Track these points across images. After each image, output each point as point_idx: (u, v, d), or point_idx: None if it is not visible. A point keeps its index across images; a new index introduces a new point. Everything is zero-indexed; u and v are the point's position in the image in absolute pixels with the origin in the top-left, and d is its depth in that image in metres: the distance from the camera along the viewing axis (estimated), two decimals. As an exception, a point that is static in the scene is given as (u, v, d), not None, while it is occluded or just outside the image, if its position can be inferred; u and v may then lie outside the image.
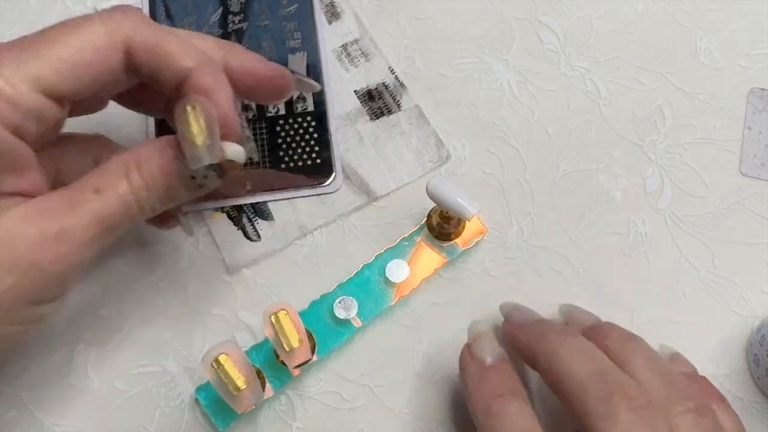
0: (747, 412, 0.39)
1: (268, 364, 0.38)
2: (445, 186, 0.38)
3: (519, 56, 0.46)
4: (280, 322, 0.35)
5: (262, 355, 0.39)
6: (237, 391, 0.34)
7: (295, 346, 0.35)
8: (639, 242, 0.42)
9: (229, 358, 0.33)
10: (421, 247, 0.41)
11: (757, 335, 0.39)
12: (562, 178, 0.43)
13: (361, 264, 0.40)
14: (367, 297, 0.40)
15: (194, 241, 0.42)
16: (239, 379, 0.33)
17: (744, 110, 0.45)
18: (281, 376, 0.38)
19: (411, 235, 0.41)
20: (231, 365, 0.33)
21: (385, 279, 0.40)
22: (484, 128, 0.44)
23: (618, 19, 0.47)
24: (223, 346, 0.34)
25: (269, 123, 0.44)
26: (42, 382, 0.39)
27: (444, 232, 0.40)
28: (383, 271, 0.40)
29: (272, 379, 0.38)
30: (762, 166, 0.43)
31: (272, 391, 0.38)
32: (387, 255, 0.41)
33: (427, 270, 0.41)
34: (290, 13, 0.46)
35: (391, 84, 0.45)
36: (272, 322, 0.35)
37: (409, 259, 0.40)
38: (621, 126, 0.44)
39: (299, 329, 0.35)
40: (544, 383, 0.34)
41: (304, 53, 0.45)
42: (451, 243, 0.41)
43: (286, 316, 0.35)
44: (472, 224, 0.41)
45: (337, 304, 0.39)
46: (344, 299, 0.39)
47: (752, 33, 0.46)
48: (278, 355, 0.38)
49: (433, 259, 0.41)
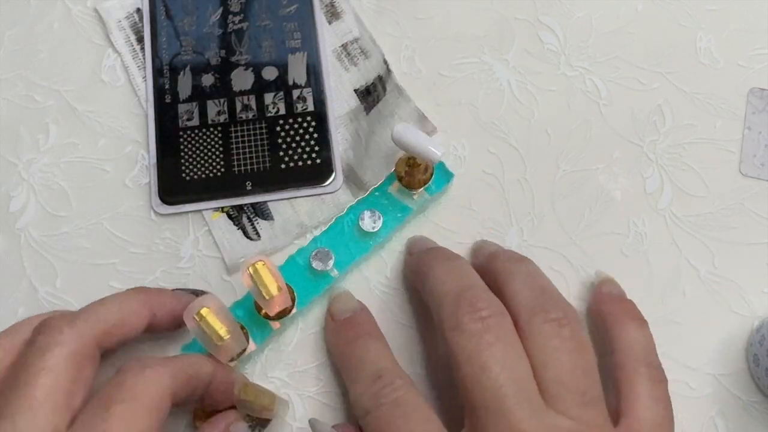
0: (747, 412, 0.39)
1: (250, 319, 0.39)
2: (409, 131, 0.39)
3: (519, 56, 0.46)
4: (258, 273, 0.36)
5: (244, 311, 0.39)
6: (220, 341, 0.35)
7: (275, 294, 0.36)
8: (639, 242, 0.42)
9: (210, 310, 0.35)
10: (391, 196, 0.42)
11: (756, 335, 0.39)
12: (562, 178, 0.43)
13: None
14: (343, 248, 0.41)
15: (194, 241, 0.42)
16: (222, 329, 0.35)
17: (744, 110, 0.45)
18: (263, 329, 0.39)
19: (381, 185, 0.42)
20: (213, 317, 0.35)
21: (358, 229, 0.41)
22: (484, 128, 0.44)
23: (618, 19, 0.47)
24: (205, 300, 0.35)
25: (269, 123, 0.44)
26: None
27: (412, 179, 0.41)
28: (356, 222, 0.41)
29: (255, 333, 0.39)
30: (762, 166, 0.43)
31: (255, 345, 0.39)
32: (359, 206, 0.41)
33: (397, 221, 0.42)
34: (290, 13, 0.46)
35: (383, 74, 0.45)
36: (251, 272, 0.36)
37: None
38: (621, 126, 0.44)
39: (277, 278, 0.36)
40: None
41: (304, 53, 0.45)
42: (420, 191, 0.41)
43: (263, 266, 0.36)
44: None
45: (313, 256, 0.40)
46: (320, 251, 0.40)
47: (752, 33, 0.46)
48: (260, 309, 0.39)
49: (402, 208, 0.42)
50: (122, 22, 0.46)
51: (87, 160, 0.43)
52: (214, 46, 0.45)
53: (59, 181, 0.43)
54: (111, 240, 0.42)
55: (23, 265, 0.41)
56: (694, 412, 0.39)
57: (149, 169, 0.43)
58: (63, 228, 0.42)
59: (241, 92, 0.44)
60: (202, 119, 0.44)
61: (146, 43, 0.46)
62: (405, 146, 0.39)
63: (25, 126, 0.44)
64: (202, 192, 0.42)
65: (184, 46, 0.45)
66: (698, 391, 0.39)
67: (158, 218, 0.42)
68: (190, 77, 0.45)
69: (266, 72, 0.45)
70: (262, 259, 0.36)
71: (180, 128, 0.43)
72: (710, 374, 0.39)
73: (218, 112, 0.44)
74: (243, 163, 0.43)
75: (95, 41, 0.46)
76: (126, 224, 0.42)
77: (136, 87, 0.45)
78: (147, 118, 0.44)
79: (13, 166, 0.43)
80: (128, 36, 0.46)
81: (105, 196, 0.43)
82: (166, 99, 0.44)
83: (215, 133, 0.43)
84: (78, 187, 0.43)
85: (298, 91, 0.44)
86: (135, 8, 0.47)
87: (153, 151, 0.43)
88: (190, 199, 0.42)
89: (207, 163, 0.43)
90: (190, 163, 0.43)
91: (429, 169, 0.41)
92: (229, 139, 0.43)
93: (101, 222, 0.42)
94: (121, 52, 0.46)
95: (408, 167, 0.41)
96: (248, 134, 0.43)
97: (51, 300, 0.41)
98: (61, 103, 0.45)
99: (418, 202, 0.42)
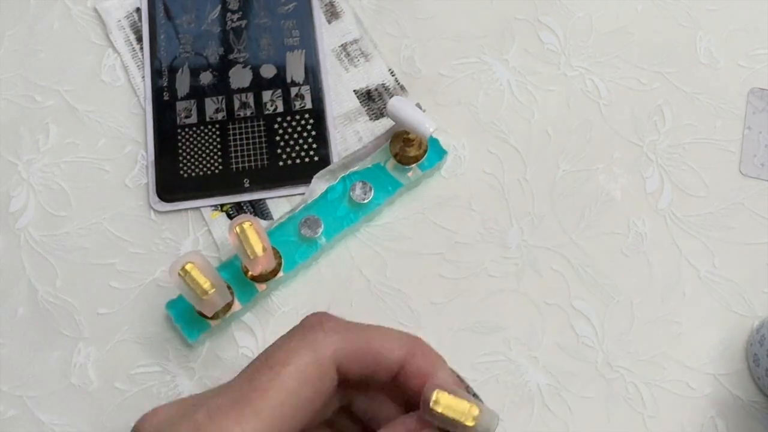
0: (747, 412, 0.39)
1: (236, 281, 0.40)
2: (404, 105, 0.39)
3: (519, 56, 0.46)
4: (245, 232, 0.36)
5: (231, 272, 0.40)
6: (205, 295, 0.35)
7: (260, 254, 0.36)
8: (639, 242, 0.42)
9: (195, 265, 0.35)
10: (384, 171, 0.42)
11: (756, 335, 0.39)
12: (562, 178, 0.43)
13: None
14: (332, 217, 0.41)
15: (194, 241, 0.42)
16: (206, 283, 0.35)
17: (744, 110, 0.45)
18: (249, 291, 0.40)
19: (375, 159, 0.42)
20: (198, 272, 0.35)
21: (349, 199, 0.41)
22: (484, 128, 0.44)
23: (618, 19, 0.47)
24: (189, 256, 0.35)
25: (267, 120, 0.44)
26: (42, 382, 0.39)
27: (406, 155, 0.42)
28: (347, 192, 0.41)
29: (240, 294, 0.39)
30: (762, 166, 0.43)
31: (239, 305, 0.39)
32: (353, 176, 0.42)
33: (387, 194, 0.42)
34: (288, 11, 0.46)
35: (391, 86, 0.45)
36: (237, 232, 0.36)
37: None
38: (621, 126, 0.44)
39: (263, 239, 0.36)
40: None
41: (302, 51, 0.45)
42: (412, 167, 0.42)
43: (250, 226, 0.36)
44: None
45: (303, 223, 0.40)
46: (309, 218, 0.40)
47: (752, 33, 0.46)
48: (246, 272, 0.39)
49: (394, 182, 0.42)
50: (122, 21, 0.46)
51: (87, 160, 0.44)
52: (213, 44, 0.45)
53: (59, 181, 0.43)
54: (111, 240, 0.42)
55: (23, 265, 0.41)
56: (694, 412, 0.39)
57: (147, 166, 0.43)
58: (63, 228, 0.42)
59: (240, 90, 0.44)
60: (200, 117, 0.44)
61: (145, 42, 0.46)
62: (399, 119, 0.40)
63: (25, 126, 0.44)
64: (200, 189, 0.42)
65: (183, 44, 0.45)
66: (698, 391, 0.39)
67: (158, 218, 0.42)
68: (188, 75, 0.45)
69: (264, 70, 0.45)
70: (249, 220, 0.36)
71: (178, 126, 0.44)
72: (710, 374, 0.39)
73: (216, 109, 0.44)
74: (241, 161, 0.43)
75: (95, 41, 0.46)
76: (126, 224, 0.42)
77: (135, 87, 0.45)
78: (145, 116, 0.44)
79: (13, 166, 0.43)
80: (128, 35, 0.46)
81: (105, 196, 0.43)
82: (165, 97, 0.44)
83: (213, 130, 0.43)
84: (78, 187, 0.43)
85: (296, 89, 0.44)
86: (134, 8, 0.47)
87: (151, 148, 0.43)
88: (187, 197, 0.42)
89: (205, 161, 0.43)
90: (188, 160, 0.43)
91: (423, 145, 0.42)
92: (227, 137, 0.43)
93: (101, 222, 0.42)
94: (120, 52, 0.46)
95: (402, 143, 0.41)
96: (246, 132, 0.43)
97: (51, 300, 0.41)
98: (61, 103, 0.45)
99: (411, 178, 0.42)
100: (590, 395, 0.39)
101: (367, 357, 0.29)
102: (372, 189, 0.41)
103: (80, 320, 0.40)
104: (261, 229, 0.36)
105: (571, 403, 0.39)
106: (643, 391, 0.39)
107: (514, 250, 0.42)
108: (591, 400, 0.39)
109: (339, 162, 0.42)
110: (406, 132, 0.41)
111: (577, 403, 0.39)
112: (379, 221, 0.42)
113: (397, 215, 0.42)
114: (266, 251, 0.36)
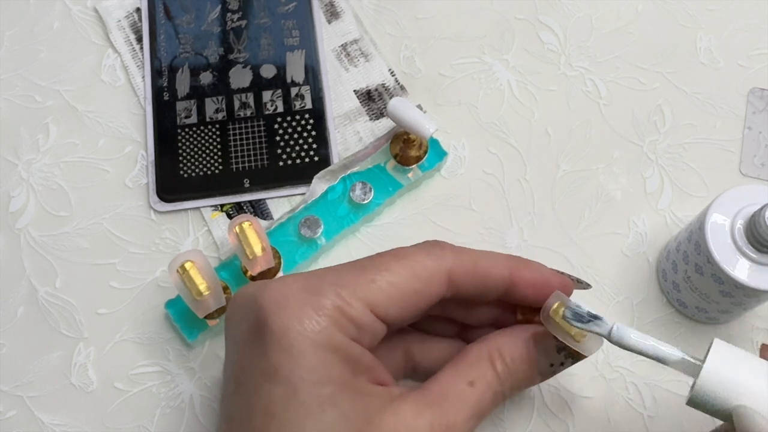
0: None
1: (236, 280, 0.40)
2: (404, 105, 0.40)
3: (519, 56, 0.46)
4: (244, 232, 0.36)
5: (230, 272, 0.40)
6: (199, 296, 0.35)
7: (259, 254, 0.36)
8: (639, 242, 0.42)
9: (194, 265, 0.35)
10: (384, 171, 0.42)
11: (664, 252, 0.39)
12: (562, 178, 0.43)
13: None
14: (332, 217, 0.41)
15: (194, 241, 0.42)
16: (202, 284, 0.35)
17: (744, 110, 0.45)
18: None
19: (375, 160, 0.42)
20: (195, 272, 0.35)
21: (349, 200, 0.41)
22: (484, 128, 0.44)
23: (618, 19, 0.47)
24: (190, 254, 0.35)
25: (267, 120, 0.44)
26: (42, 382, 0.39)
27: (406, 156, 0.42)
28: (347, 193, 0.41)
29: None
30: (762, 166, 0.43)
31: None
32: (352, 177, 0.42)
33: (387, 194, 0.42)
34: (288, 11, 0.46)
35: (391, 86, 0.45)
36: (236, 232, 0.36)
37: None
38: (621, 126, 0.44)
39: (263, 239, 0.36)
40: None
41: (302, 51, 0.45)
42: (413, 167, 0.42)
43: (250, 226, 0.36)
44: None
45: (303, 223, 0.40)
46: (309, 219, 0.40)
47: (752, 33, 0.46)
48: (245, 271, 0.39)
49: (394, 183, 0.42)
50: (122, 21, 0.46)
51: (87, 160, 0.44)
52: (213, 44, 0.45)
53: (59, 181, 0.43)
54: (111, 240, 0.42)
55: (23, 265, 0.41)
56: (694, 411, 0.39)
57: (147, 166, 0.43)
58: (63, 228, 0.42)
59: (240, 90, 0.44)
60: (200, 117, 0.44)
61: (145, 42, 0.46)
62: (399, 120, 0.40)
63: (25, 126, 0.44)
64: (199, 189, 0.42)
65: (183, 44, 0.46)
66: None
67: (158, 218, 0.42)
68: (188, 75, 0.45)
69: (264, 70, 0.45)
70: (249, 220, 0.36)
71: (178, 126, 0.44)
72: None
73: (216, 109, 0.44)
74: (241, 161, 0.43)
75: (95, 41, 0.46)
76: (126, 224, 0.42)
77: (135, 86, 0.45)
78: (145, 116, 0.44)
79: (13, 166, 0.43)
80: (128, 35, 0.46)
81: (105, 196, 0.43)
82: (165, 97, 0.44)
83: (213, 130, 0.43)
84: (78, 187, 0.43)
85: (297, 89, 0.44)
86: (134, 7, 0.47)
87: (151, 148, 0.43)
88: (187, 197, 0.42)
89: (205, 161, 0.43)
90: (188, 160, 0.43)
91: (423, 146, 0.42)
92: (227, 137, 0.43)
93: (101, 222, 0.42)
94: (120, 52, 0.46)
95: (402, 143, 0.42)
96: (246, 132, 0.43)
97: (51, 300, 0.41)
98: (61, 103, 0.45)
99: (411, 179, 0.42)
100: (590, 395, 0.39)
101: (477, 273, 0.32)
102: (372, 189, 0.41)
103: (80, 320, 0.40)
104: (260, 229, 0.36)
105: (571, 403, 0.39)
106: (643, 391, 0.39)
107: (515, 250, 0.42)
108: (591, 400, 0.39)
109: (339, 162, 0.42)
110: (406, 133, 0.41)
111: (577, 403, 0.39)
112: (379, 221, 0.42)
113: (397, 216, 0.42)
114: (265, 251, 0.36)
